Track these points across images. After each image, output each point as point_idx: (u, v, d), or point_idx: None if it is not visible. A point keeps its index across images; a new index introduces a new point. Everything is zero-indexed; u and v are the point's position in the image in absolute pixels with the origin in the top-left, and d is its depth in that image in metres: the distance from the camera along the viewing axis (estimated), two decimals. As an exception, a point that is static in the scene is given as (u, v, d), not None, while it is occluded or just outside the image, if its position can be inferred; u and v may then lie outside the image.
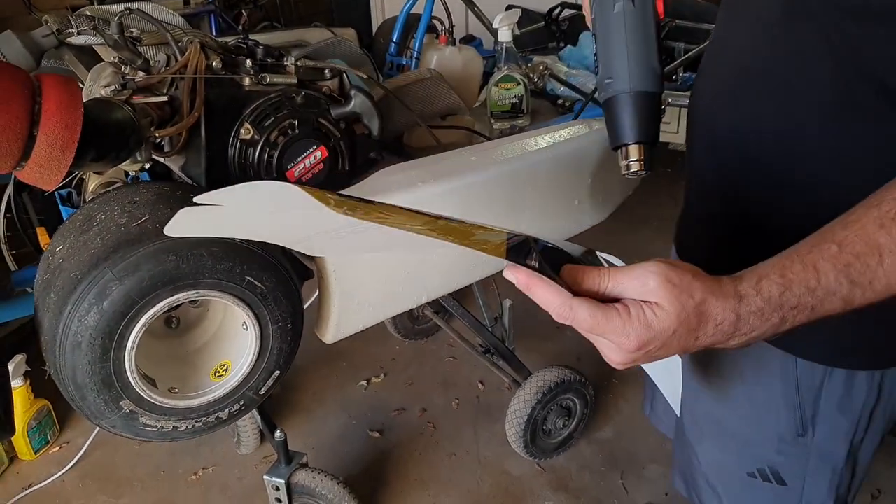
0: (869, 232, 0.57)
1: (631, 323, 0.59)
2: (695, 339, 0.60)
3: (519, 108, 1.78)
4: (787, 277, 0.59)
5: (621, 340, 0.60)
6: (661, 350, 0.61)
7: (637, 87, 0.67)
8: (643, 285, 0.59)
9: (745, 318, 0.59)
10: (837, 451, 0.89)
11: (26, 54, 1.28)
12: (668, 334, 0.59)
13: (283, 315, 1.10)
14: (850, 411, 0.86)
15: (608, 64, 0.69)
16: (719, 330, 0.60)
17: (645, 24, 0.67)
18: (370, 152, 1.45)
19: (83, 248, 1.00)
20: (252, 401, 1.15)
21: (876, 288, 0.58)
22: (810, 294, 0.59)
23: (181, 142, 1.22)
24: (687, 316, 0.58)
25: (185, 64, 1.20)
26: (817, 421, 0.87)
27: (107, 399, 1.00)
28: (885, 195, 0.59)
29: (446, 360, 2.64)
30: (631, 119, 0.68)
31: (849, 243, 0.58)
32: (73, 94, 0.94)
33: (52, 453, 2.25)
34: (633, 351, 0.60)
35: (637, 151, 0.69)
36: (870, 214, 0.58)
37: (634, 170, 0.69)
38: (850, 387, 0.85)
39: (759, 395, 0.91)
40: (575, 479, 2.10)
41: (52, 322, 0.96)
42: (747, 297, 0.59)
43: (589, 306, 0.59)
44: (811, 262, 0.59)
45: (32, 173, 0.93)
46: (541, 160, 1.39)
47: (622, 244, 3.37)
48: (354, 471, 2.14)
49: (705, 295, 0.59)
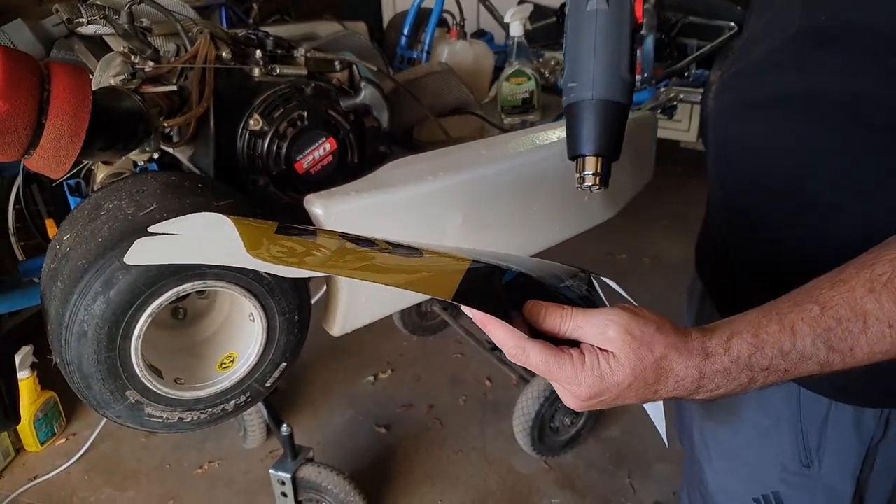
0: (857, 296, 0.55)
1: (584, 372, 0.57)
2: (654, 392, 0.59)
3: (530, 103, 1.77)
4: (761, 338, 0.57)
5: (572, 389, 0.58)
6: (617, 400, 0.59)
7: (601, 94, 0.63)
8: (602, 333, 0.57)
9: (709, 377, 0.58)
10: (844, 488, 0.85)
11: (36, 43, 1.27)
12: (623, 387, 0.58)
13: (290, 306, 1.09)
14: (857, 446, 0.82)
15: (573, 67, 0.64)
16: (680, 385, 0.58)
17: (618, 28, 0.63)
18: (380, 145, 1.44)
19: (90, 236, 0.99)
20: (258, 393, 1.14)
21: (857, 355, 0.56)
22: (783, 357, 0.56)
23: (190, 132, 1.21)
24: (644, 370, 0.57)
25: (194, 54, 1.20)
26: (823, 453, 0.84)
27: (112, 389, 0.99)
28: (881, 255, 0.56)
29: (454, 357, 2.63)
30: (591, 129, 0.64)
31: (833, 306, 0.55)
32: (81, 83, 0.93)
33: (59, 445, 2.25)
34: (584, 399, 0.59)
35: (594, 164, 0.64)
36: (861, 276, 0.55)
37: (589, 184, 0.65)
38: (857, 421, 0.81)
39: (764, 420, 0.88)
40: (582, 477, 2.09)
41: (59, 311, 0.96)
42: (714, 354, 0.57)
43: (541, 350, 0.58)
44: (789, 322, 0.56)
45: (41, 161, 0.92)
46: (551, 155, 1.38)
47: (632, 242, 3.36)
48: (360, 466, 2.14)
49: (667, 350, 0.57)
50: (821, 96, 0.70)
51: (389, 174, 1.24)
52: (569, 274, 0.69)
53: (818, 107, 0.70)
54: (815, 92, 0.70)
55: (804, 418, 0.83)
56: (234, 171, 1.26)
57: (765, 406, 0.87)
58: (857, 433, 0.81)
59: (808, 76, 0.71)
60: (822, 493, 0.86)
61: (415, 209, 1.20)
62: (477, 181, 1.27)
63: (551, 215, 1.43)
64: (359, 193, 1.15)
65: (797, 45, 0.72)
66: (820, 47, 0.69)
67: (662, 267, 3.19)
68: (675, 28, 2.48)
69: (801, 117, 0.72)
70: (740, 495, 0.94)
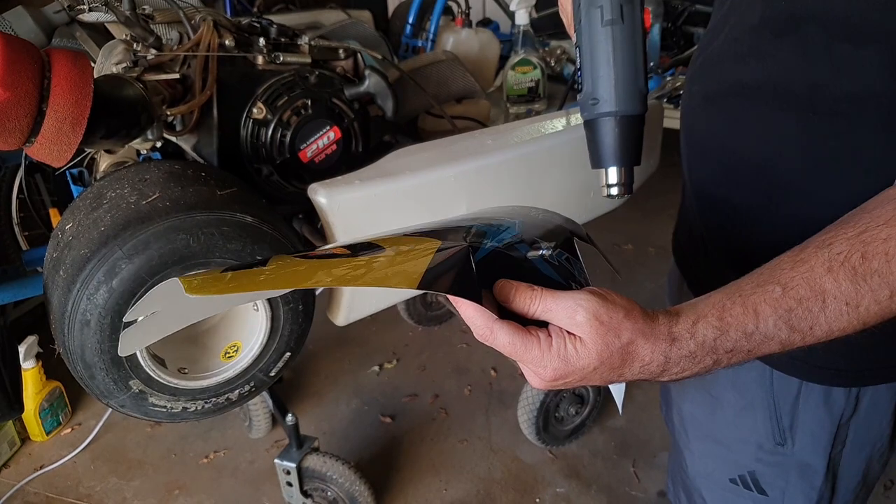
0: (816, 276, 0.56)
1: (550, 355, 0.58)
2: (619, 376, 0.59)
3: (535, 92, 1.76)
4: (725, 321, 0.57)
5: (538, 370, 0.59)
6: (581, 381, 0.60)
7: (623, 110, 0.64)
8: (570, 317, 0.57)
9: (675, 361, 0.58)
10: (817, 464, 0.87)
11: (37, 31, 1.26)
12: (588, 371, 0.58)
13: (295, 296, 1.09)
14: (828, 423, 0.84)
15: (594, 84, 0.65)
16: (646, 369, 0.59)
17: (634, 43, 0.64)
18: (384, 135, 1.44)
19: (93, 225, 0.99)
20: (262, 382, 1.14)
21: (816, 333, 0.57)
22: (747, 339, 0.57)
23: (193, 121, 1.21)
24: (610, 355, 0.57)
25: (197, 42, 1.19)
26: (796, 431, 0.85)
27: (116, 378, 0.99)
28: (839, 233, 0.57)
29: (459, 347, 2.63)
30: (615, 143, 0.65)
31: (794, 286, 0.56)
32: (83, 70, 0.92)
33: (64, 435, 2.26)
34: (548, 381, 0.59)
35: (618, 175, 0.66)
36: (819, 256, 0.56)
37: (615, 193, 0.67)
38: (826, 399, 0.82)
39: (738, 399, 0.89)
40: (587, 466, 2.09)
41: (61, 300, 0.95)
42: (680, 339, 0.58)
43: (509, 331, 0.58)
44: (752, 304, 0.57)
45: (42, 149, 0.92)
46: (556, 144, 1.37)
47: (638, 232, 3.36)
48: (366, 456, 2.14)
49: (634, 336, 0.57)
50: (780, 87, 0.71)
51: (394, 163, 1.23)
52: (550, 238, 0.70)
53: (778, 97, 0.71)
54: (774, 82, 0.71)
55: (777, 398, 0.85)
56: (237, 159, 1.25)
57: (739, 387, 0.88)
58: (828, 411, 0.83)
59: (767, 66, 0.72)
60: (796, 471, 0.88)
61: (419, 198, 1.19)
62: (482, 170, 1.26)
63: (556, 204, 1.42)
64: (363, 182, 1.14)
65: (757, 34, 0.73)
66: (778, 36, 0.70)
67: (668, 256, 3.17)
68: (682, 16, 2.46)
69: (762, 107, 0.73)
70: (717, 477, 0.96)
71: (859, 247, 0.55)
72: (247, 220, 1.01)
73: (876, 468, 0.91)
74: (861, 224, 0.57)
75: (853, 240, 0.56)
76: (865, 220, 0.57)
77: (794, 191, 0.73)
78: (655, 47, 2.10)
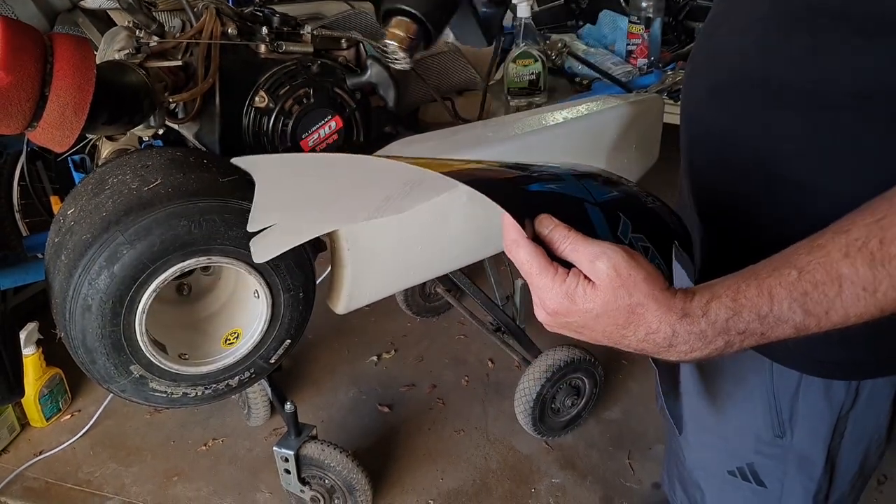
0: (833, 260, 0.55)
1: (558, 287, 0.58)
2: (621, 336, 0.60)
3: (536, 85, 1.76)
4: (739, 302, 0.57)
5: (543, 298, 0.60)
6: (583, 329, 0.61)
7: None
8: (591, 262, 0.58)
9: (682, 337, 0.58)
10: (816, 456, 0.87)
11: (39, 16, 1.26)
12: (590, 316, 0.58)
13: (295, 283, 1.10)
14: (828, 415, 0.84)
15: None
16: (650, 339, 0.59)
17: None
18: (386, 125, 1.44)
19: (94, 211, 0.99)
20: (262, 369, 1.15)
21: (832, 318, 0.56)
22: (760, 321, 0.57)
23: (195, 108, 1.21)
24: (616, 308, 0.58)
25: (200, 29, 1.19)
26: (795, 423, 0.85)
27: (116, 363, 1.00)
28: (857, 220, 0.56)
29: (457, 338, 2.64)
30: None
31: (810, 270, 0.56)
32: (85, 55, 0.93)
33: (64, 421, 2.27)
34: (550, 312, 0.60)
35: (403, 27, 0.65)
36: (837, 241, 0.56)
37: (392, 51, 0.65)
38: (826, 391, 0.82)
39: (737, 391, 0.89)
40: (582, 457, 2.10)
41: (63, 285, 0.96)
42: (691, 316, 0.58)
43: (532, 251, 0.59)
44: (767, 287, 0.57)
45: (44, 134, 0.92)
46: (557, 136, 1.37)
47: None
48: (363, 444, 2.15)
49: (645, 299, 0.57)
50: (786, 80, 0.70)
51: (394, 153, 1.23)
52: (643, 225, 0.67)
53: (784, 91, 0.71)
54: (780, 76, 0.71)
55: (776, 390, 0.85)
56: (239, 148, 1.26)
57: (738, 378, 0.88)
58: (828, 403, 0.83)
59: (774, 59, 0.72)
60: (794, 462, 0.88)
61: (419, 188, 1.20)
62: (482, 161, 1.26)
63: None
64: (363, 171, 1.15)
65: (765, 27, 0.73)
66: (788, 29, 0.70)
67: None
68: (683, 11, 2.46)
69: (766, 101, 0.73)
70: (715, 469, 0.96)
71: (878, 232, 0.54)
72: (248, 207, 1.02)
73: (873, 460, 0.92)
74: (880, 211, 0.56)
75: (872, 226, 0.55)
76: (885, 208, 0.56)
77: (795, 185, 0.73)
78: (656, 42, 2.10)
